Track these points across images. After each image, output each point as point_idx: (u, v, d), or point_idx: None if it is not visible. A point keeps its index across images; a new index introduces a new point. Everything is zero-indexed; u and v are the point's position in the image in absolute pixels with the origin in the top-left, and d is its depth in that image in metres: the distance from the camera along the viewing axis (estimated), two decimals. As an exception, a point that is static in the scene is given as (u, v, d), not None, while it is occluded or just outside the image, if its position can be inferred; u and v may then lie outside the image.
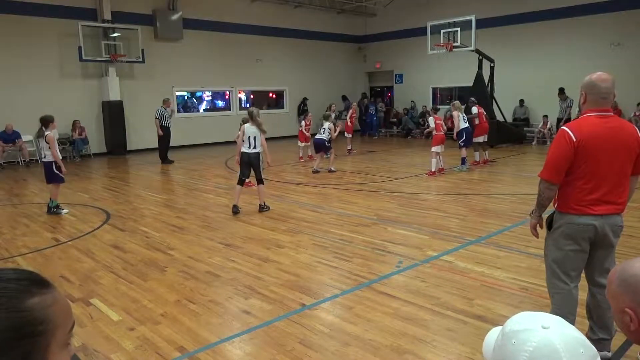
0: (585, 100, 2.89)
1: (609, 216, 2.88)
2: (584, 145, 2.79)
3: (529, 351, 0.83)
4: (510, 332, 0.88)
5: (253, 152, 7.21)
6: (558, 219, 3.00)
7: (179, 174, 11.46)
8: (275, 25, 18.71)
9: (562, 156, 2.85)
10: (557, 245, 3.00)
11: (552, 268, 3.07)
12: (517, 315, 0.92)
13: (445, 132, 10.66)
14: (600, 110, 2.85)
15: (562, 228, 2.96)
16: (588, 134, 2.80)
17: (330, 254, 5.30)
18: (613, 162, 2.83)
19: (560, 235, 2.97)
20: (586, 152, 2.80)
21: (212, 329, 3.64)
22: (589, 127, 2.83)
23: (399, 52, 20.38)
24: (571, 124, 2.94)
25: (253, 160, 7.23)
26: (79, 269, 5.06)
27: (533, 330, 0.85)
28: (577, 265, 3.01)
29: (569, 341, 0.84)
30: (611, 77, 2.86)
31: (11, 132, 13.18)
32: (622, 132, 2.85)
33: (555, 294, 3.07)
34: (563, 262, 3.00)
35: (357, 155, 13.95)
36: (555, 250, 3.03)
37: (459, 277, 4.54)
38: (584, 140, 2.79)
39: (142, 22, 15.24)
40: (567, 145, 2.82)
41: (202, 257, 5.33)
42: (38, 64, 13.72)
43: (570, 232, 2.93)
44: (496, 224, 6.33)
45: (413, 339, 3.37)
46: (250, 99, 19.43)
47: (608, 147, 2.81)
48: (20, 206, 8.28)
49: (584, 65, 14.78)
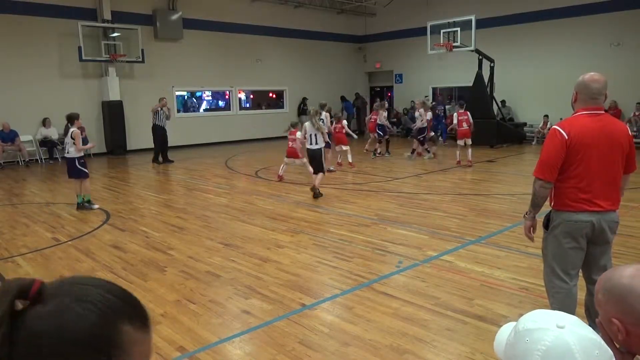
0: (577, 99, 2.95)
1: (605, 212, 2.91)
2: (575, 142, 2.84)
3: (542, 350, 0.81)
4: (524, 330, 0.85)
5: (316, 148, 8.32)
6: (555, 217, 3.02)
7: (179, 174, 11.46)
8: (275, 25, 18.70)
9: (554, 154, 2.89)
10: (556, 243, 3.01)
11: (551, 267, 3.08)
12: (531, 313, 0.89)
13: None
14: (591, 109, 2.90)
15: (561, 226, 2.98)
16: (579, 132, 2.85)
17: (330, 254, 5.30)
18: (605, 158, 2.87)
19: (559, 233, 2.99)
20: (578, 149, 2.85)
21: (212, 329, 3.64)
22: (580, 125, 2.88)
23: (399, 52, 20.38)
24: (562, 122, 2.98)
25: (316, 154, 8.39)
26: (79, 269, 5.06)
27: (547, 330, 0.83)
28: (576, 263, 3.03)
29: (584, 342, 0.81)
30: (603, 78, 2.90)
31: (8, 131, 13.16)
32: (613, 130, 2.90)
33: (555, 293, 3.08)
34: (563, 261, 3.01)
35: (356, 156, 13.95)
36: (554, 249, 3.04)
37: (459, 277, 4.54)
38: (576, 137, 2.84)
39: (142, 22, 15.23)
40: (559, 143, 2.87)
41: (202, 257, 5.33)
42: (38, 64, 13.72)
43: (568, 230, 2.95)
44: (496, 224, 6.33)
45: (413, 339, 3.37)
46: (250, 99, 19.44)
47: (600, 144, 2.85)
48: (20, 206, 8.28)
49: (583, 65, 14.80)
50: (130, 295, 0.71)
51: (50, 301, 0.64)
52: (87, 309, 0.64)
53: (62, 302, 0.64)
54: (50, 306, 0.63)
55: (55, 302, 0.64)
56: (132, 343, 0.67)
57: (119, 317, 0.66)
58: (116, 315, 0.66)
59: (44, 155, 13.98)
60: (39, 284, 0.65)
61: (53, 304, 0.63)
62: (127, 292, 0.71)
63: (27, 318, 0.62)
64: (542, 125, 15.49)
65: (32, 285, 0.64)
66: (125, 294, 0.71)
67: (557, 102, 15.32)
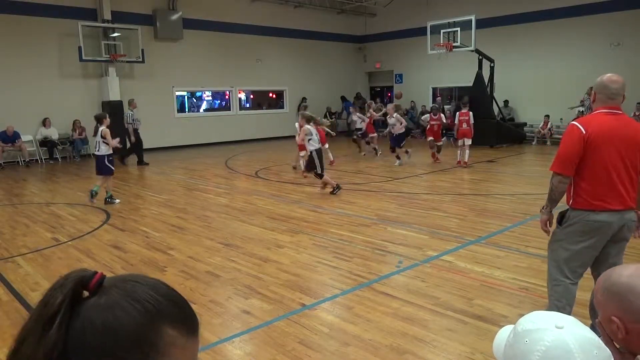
0: (595, 99, 3.01)
1: (625, 211, 2.92)
2: (593, 138, 2.86)
3: (542, 351, 0.81)
4: (523, 331, 0.86)
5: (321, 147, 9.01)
6: (573, 216, 3.01)
7: (179, 174, 11.46)
8: (275, 25, 18.70)
9: (572, 148, 2.91)
10: (570, 241, 3.01)
11: (557, 262, 3.09)
12: (530, 314, 0.90)
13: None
14: (608, 107, 2.94)
15: (578, 225, 2.97)
16: (597, 129, 2.88)
17: (330, 254, 5.30)
18: (623, 158, 2.89)
19: (574, 231, 2.99)
20: (596, 146, 2.87)
21: (212, 329, 3.64)
22: (599, 122, 2.92)
23: (399, 52, 20.38)
24: (581, 119, 3.05)
25: None
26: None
27: (546, 330, 0.83)
28: (585, 262, 3.04)
29: (583, 342, 0.82)
30: (621, 79, 2.97)
31: (12, 134, 13.18)
32: (630, 129, 2.94)
33: (554, 286, 3.11)
34: (572, 259, 3.02)
35: (356, 156, 13.96)
36: (566, 246, 3.04)
37: (459, 277, 4.54)
38: (593, 134, 2.87)
39: (142, 22, 15.23)
40: (576, 138, 2.89)
41: (202, 257, 5.33)
42: (38, 64, 13.72)
43: (586, 229, 2.95)
44: (496, 224, 6.33)
45: (413, 339, 3.37)
46: (250, 99, 19.44)
47: (618, 142, 2.87)
48: (20, 206, 8.28)
49: (583, 65, 14.84)
50: (181, 299, 0.72)
51: (105, 294, 0.66)
52: (132, 306, 0.65)
53: (113, 296, 0.66)
54: (103, 299, 0.66)
55: (108, 296, 0.66)
56: (172, 346, 0.66)
57: (162, 318, 0.67)
58: (160, 315, 0.67)
59: (44, 156, 13.97)
60: (100, 276, 0.68)
61: (105, 298, 0.66)
62: (177, 295, 0.72)
63: (83, 308, 0.65)
64: (543, 125, 15.49)
65: (94, 277, 0.67)
66: (175, 296, 0.71)
67: (557, 102, 15.35)
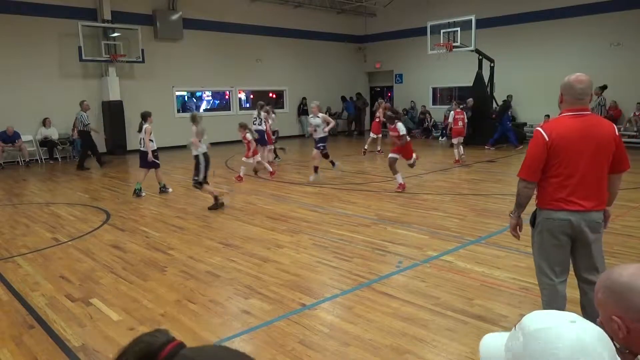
0: (562, 100, 3.02)
1: (585, 212, 2.94)
2: (556, 143, 2.90)
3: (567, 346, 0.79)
4: (535, 331, 0.83)
5: None
6: (538, 215, 3.09)
7: (179, 174, 11.46)
8: (275, 25, 18.70)
9: (535, 155, 2.96)
10: (541, 241, 3.09)
11: (538, 264, 3.16)
12: (531, 314, 0.88)
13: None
14: (575, 110, 2.94)
15: (542, 224, 3.05)
16: (560, 134, 2.90)
17: (330, 254, 5.30)
18: (587, 159, 2.90)
19: (542, 231, 3.06)
20: (559, 150, 2.90)
21: (212, 329, 3.64)
22: (562, 127, 2.93)
23: (399, 52, 20.38)
24: (546, 124, 3.07)
25: None
26: (78, 269, 5.06)
27: (561, 327, 0.82)
28: (560, 260, 3.07)
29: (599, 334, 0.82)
30: (588, 78, 2.94)
31: (12, 134, 13.18)
32: (597, 130, 2.92)
33: (543, 289, 3.16)
34: (547, 258, 3.09)
35: (356, 156, 13.96)
36: (539, 246, 3.11)
37: (459, 277, 4.54)
38: (556, 139, 2.90)
39: (142, 22, 15.23)
40: (540, 145, 2.94)
41: (202, 257, 5.34)
42: (38, 64, 13.71)
43: (548, 228, 3.02)
44: (496, 224, 6.33)
45: (413, 339, 3.37)
46: (250, 99, 19.43)
47: (581, 146, 2.89)
48: (20, 206, 8.28)
49: (583, 65, 14.79)
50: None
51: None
52: None
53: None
54: None
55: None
56: None
57: None
58: None
59: (44, 156, 13.97)
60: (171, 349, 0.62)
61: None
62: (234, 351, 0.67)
63: None
64: (543, 125, 15.48)
65: (163, 349, 0.62)
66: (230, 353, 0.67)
67: (557, 102, 15.32)
